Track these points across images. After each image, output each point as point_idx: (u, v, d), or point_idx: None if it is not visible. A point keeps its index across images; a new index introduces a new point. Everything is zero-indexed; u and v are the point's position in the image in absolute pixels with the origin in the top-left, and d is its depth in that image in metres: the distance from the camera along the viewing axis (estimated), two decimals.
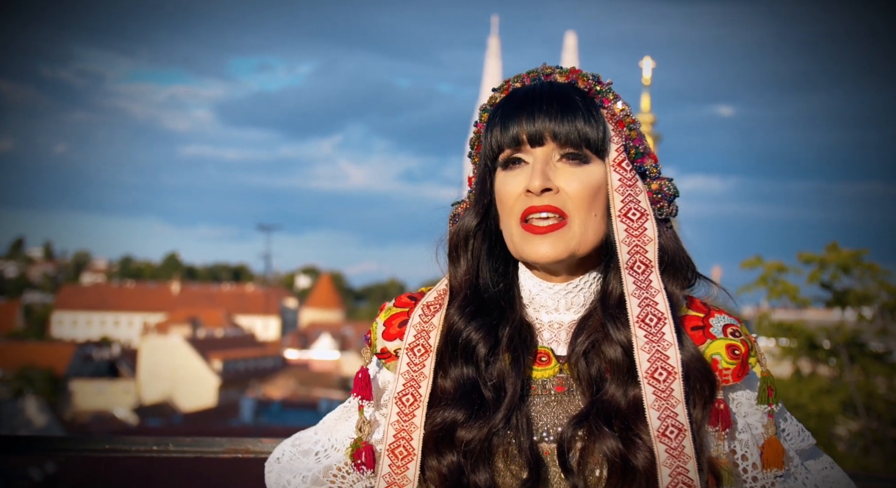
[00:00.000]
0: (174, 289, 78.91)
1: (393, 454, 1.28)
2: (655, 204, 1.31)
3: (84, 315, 76.30)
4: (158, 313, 70.12)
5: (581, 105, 1.29)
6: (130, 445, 1.96)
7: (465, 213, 1.37)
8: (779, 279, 9.06)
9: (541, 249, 1.27)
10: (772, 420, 1.27)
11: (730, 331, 1.29)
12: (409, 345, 1.32)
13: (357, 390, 1.35)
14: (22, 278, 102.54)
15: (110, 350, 58.49)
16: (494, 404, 1.25)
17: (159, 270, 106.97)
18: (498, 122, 1.31)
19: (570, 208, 1.27)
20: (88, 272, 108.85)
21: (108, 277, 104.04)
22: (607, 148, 1.29)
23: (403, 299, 1.41)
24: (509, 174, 1.30)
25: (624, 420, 1.22)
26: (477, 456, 1.24)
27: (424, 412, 1.27)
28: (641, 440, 1.21)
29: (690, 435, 1.19)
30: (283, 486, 1.42)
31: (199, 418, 35.88)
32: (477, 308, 1.32)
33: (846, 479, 1.36)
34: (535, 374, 1.30)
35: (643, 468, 1.20)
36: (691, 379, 1.23)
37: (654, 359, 1.21)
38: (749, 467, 1.27)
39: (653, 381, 1.21)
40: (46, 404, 40.20)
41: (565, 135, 1.27)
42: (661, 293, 1.24)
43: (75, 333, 71.56)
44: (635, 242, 1.27)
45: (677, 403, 1.20)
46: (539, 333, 1.33)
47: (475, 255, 1.35)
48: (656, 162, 1.33)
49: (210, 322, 63.65)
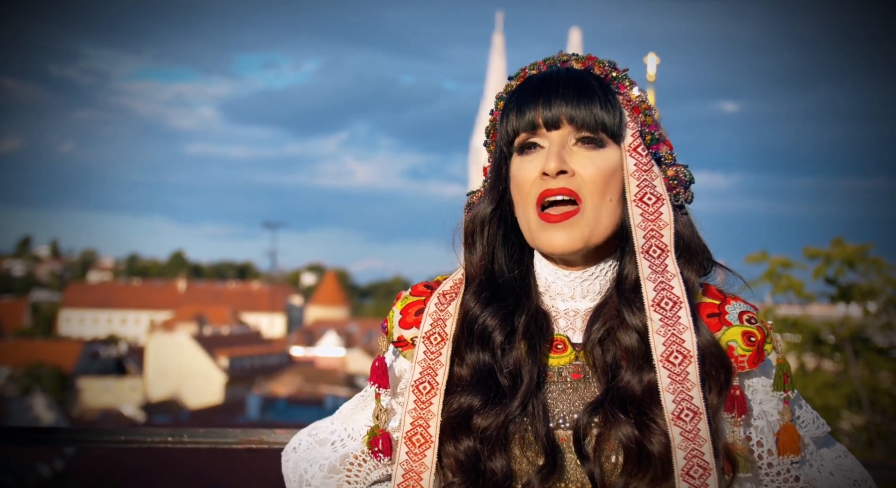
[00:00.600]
0: (180, 286, 79.08)
1: (410, 441, 1.28)
2: (671, 190, 1.31)
3: (91, 313, 76.52)
4: (165, 311, 70.28)
5: (598, 90, 1.29)
6: (146, 436, 1.97)
7: (480, 201, 1.38)
8: (784, 274, 9.08)
9: (555, 240, 1.27)
10: (787, 406, 1.27)
11: (746, 317, 1.30)
12: (426, 333, 1.33)
13: (374, 378, 1.35)
14: (29, 276, 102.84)
15: (117, 347, 58.67)
16: (511, 391, 1.26)
17: (165, 268, 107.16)
18: (514, 107, 1.31)
19: (584, 192, 1.27)
20: (95, 270, 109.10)
21: (114, 275, 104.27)
22: (623, 133, 1.29)
23: (420, 288, 1.41)
24: (525, 159, 1.30)
25: (639, 405, 1.22)
26: (493, 443, 1.25)
27: (441, 399, 1.28)
28: (656, 424, 1.21)
29: (706, 419, 1.19)
30: (299, 475, 1.43)
31: (206, 415, 35.99)
32: (492, 294, 1.32)
33: (860, 467, 1.36)
34: (552, 362, 1.30)
35: (658, 453, 1.20)
36: (707, 364, 1.23)
37: (670, 342, 1.21)
38: (764, 453, 1.27)
39: (668, 365, 1.21)
40: (54, 401, 40.36)
41: (582, 119, 1.27)
42: (677, 277, 1.24)
43: (82, 331, 71.78)
44: (651, 227, 1.27)
45: (692, 387, 1.20)
46: (555, 321, 1.33)
47: (490, 242, 1.35)
48: (671, 149, 1.34)
49: (216, 319, 63.80)
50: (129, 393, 47.62)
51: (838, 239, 9.19)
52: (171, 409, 40.89)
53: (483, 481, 1.25)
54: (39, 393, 41.64)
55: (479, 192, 1.41)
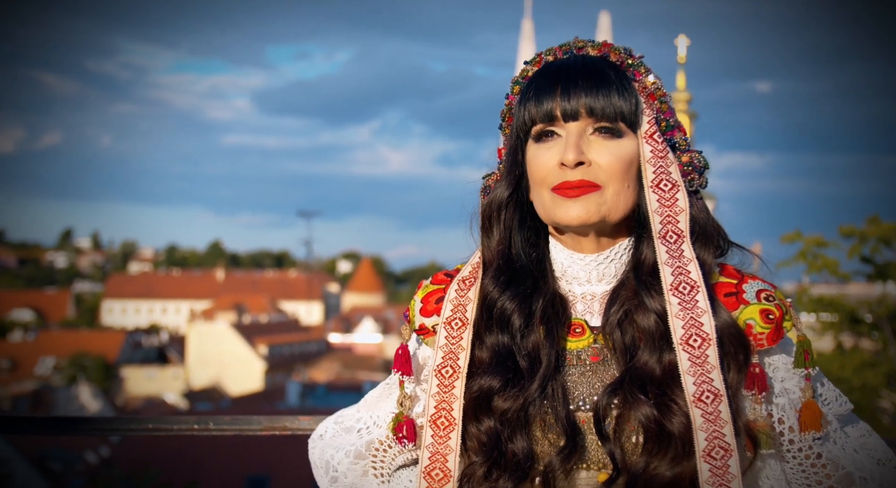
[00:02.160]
0: (219, 276, 79.91)
1: (435, 425, 1.30)
2: (686, 176, 1.32)
3: (133, 303, 77.68)
4: (204, 300, 71.06)
5: (615, 79, 1.29)
6: (173, 424, 2.01)
7: (496, 185, 1.38)
8: (818, 253, 8.98)
9: (571, 211, 1.27)
10: (809, 383, 1.27)
11: (763, 295, 1.29)
12: (447, 319, 1.34)
13: (398, 366, 1.37)
14: (72, 268, 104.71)
15: (159, 337, 59.56)
16: (529, 374, 1.27)
17: (204, 258, 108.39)
18: (532, 96, 1.30)
19: (603, 179, 1.27)
20: (136, 261, 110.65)
21: (154, 266, 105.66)
22: (640, 120, 1.30)
23: (440, 276, 1.43)
24: (542, 147, 1.30)
25: (659, 386, 1.23)
26: (513, 425, 1.26)
27: (464, 383, 1.30)
28: (677, 405, 1.22)
29: (726, 400, 1.20)
30: (326, 461, 1.46)
31: (246, 402, 36.41)
32: (510, 278, 1.33)
33: (884, 446, 1.35)
34: (570, 345, 1.31)
35: (679, 433, 1.21)
36: (725, 345, 1.23)
37: (689, 325, 1.22)
38: (786, 430, 1.28)
39: (688, 348, 1.21)
40: (99, 390, 41.13)
41: (601, 110, 1.27)
42: (694, 262, 1.25)
43: (125, 321, 72.99)
44: (667, 212, 1.28)
45: (713, 369, 1.20)
46: (572, 305, 1.34)
47: (507, 226, 1.36)
48: (686, 134, 1.34)
49: (255, 308, 64.44)
50: (171, 382, 48.35)
51: (874, 217, 9.05)
52: (213, 397, 41.45)
53: (505, 462, 1.26)
54: (85, 382, 42.46)
55: (494, 175, 1.41)
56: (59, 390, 41.41)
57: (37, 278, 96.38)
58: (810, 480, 1.29)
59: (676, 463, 1.22)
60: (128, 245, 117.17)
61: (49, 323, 66.79)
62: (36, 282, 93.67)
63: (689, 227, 1.28)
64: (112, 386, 46.66)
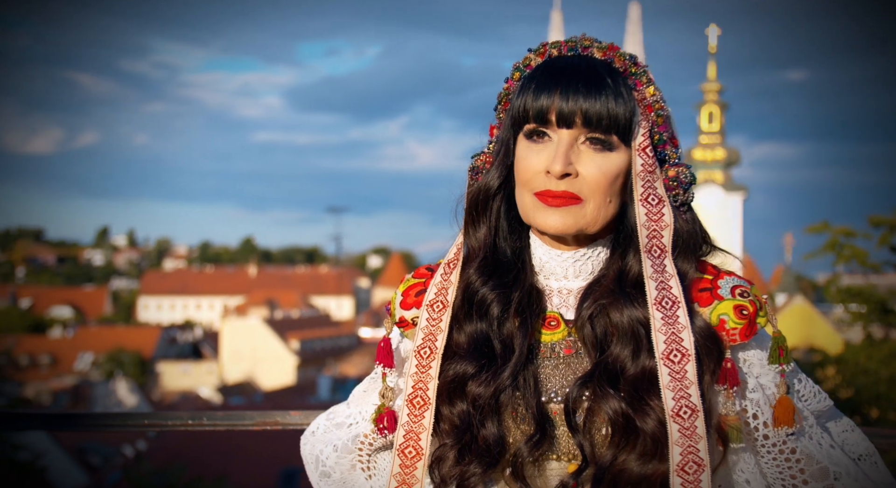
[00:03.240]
0: (251, 272, 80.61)
1: (411, 404, 1.32)
2: (671, 190, 1.32)
3: (168, 299, 78.64)
4: (237, 296, 71.78)
5: (614, 88, 1.28)
6: (167, 419, 2.04)
7: (486, 172, 1.37)
8: (846, 244, 8.87)
9: (550, 220, 1.28)
10: (783, 379, 1.28)
11: (738, 291, 1.31)
12: (430, 301, 1.36)
13: (380, 359, 1.40)
14: (108, 265, 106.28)
15: (193, 332, 60.30)
16: (503, 363, 1.29)
17: (236, 254, 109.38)
18: (532, 91, 1.29)
19: (585, 193, 1.28)
20: (170, 258, 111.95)
21: (188, 263, 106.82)
22: (634, 132, 1.29)
23: (421, 270, 1.45)
24: (532, 147, 1.30)
25: (636, 389, 1.24)
26: (485, 411, 1.28)
27: (439, 363, 1.32)
28: (652, 409, 1.23)
29: (702, 416, 1.21)
30: (315, 456, 1.49)
31: (278, 396, 36.71)
32: (494, 269, 1.35)
33: (866, 441, 1.37)
34: (545, 338, 1.33)
35: (651, 432, 1.23)
36: (701, 356, 1.25)
37: (670, 341, 1.23)
38: (760, 425, 1.29)
39: (668, 362, 1.23)
40: (136, 385, 41.74)
41: (596, 121, 1.27)
42: (675, 277, 1.26)
43: (160, 317, 73.88)
44: (654, 227, 1.29)
45: (691, 385, 1.22)
46: (549, 298, 1.36)
47: (495, 217, 1.36)
48: (677, 147, 1.34)
49: (286, 303, 64.98)
50: (205, 377, 48.91)
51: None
52: (246, 391, 41.85)
53: (476, 447, 1.28)
54: (122, 377, 43.12)
55: (483, 155, 1.40)
56: (97, 385, 42.09)
57: (75, 276, 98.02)
58: (784, 474, 1.30)
59: (646, 460, 1.24)
60: (162, 242, 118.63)
61: (87, 319, 67.87)
62: (74, 279, 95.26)
63: (672, 241, 1.30)
64: (148, 381, 47.33)
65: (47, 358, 49.92)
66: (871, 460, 1.37)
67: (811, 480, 1.30)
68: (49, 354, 50.37)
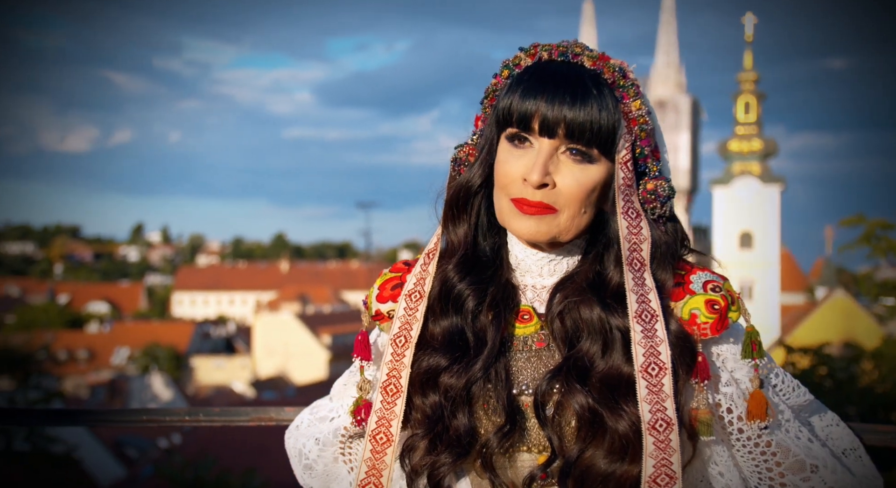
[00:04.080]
0: (283, 267, 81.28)
1: (385, 391, 1.35)
2: (648, 204, 1.33)
3: (201, 295, 79.58)
4: (269, 291, 72.38)
5: (600, 100, 1.28)
6: (164, 416, 2.03)
7: (468, 168, 1.38)
8: (882, 236, 8.69)
9: (523, 227, 1.31)
10: (757, 373, 1.29)
11: (710, 286, 1.32)
12: (408, 291, 1.38)
13: (357, 352, 1.42)
14: (143, 261, 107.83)
15: (226, 327, 60.98)
16: (475, 355, 1.32)
17: (268, 250, 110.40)
18: (518, 94, 1.30)
19: (561, 203, 1.29)
20: (203, 254, 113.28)
21: (221, 258, 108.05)
22: (617, 145, 1.30)
23: (399, 265, 1.47)
24: (513, 152, 1.31)
25: (607, 388, 1.26)
26: (456, 402, 1.30)
27: (412, 352, 1.34)
28: (627, 413, 1.25)
29: (677, 429, 1.23)
30: (299, 450, 1.51)
31: (311, 390, 36.95)
32: (472, 266, 1.37)
33: (850, 436, 1.39)
34: (518, 331, 1.35)
35: (622, 432, 1.25)
36: (676, 368, 1.26)
37: (649, 354, 1.25)
38: (735, 419, 1.31)
39: (646, 375, 1.25)
40: (171, 380, 42.30)
41: (578, 133, 1.27)
42: (654, 291, 1.28)
43: (194, 312, 74.84)
44: (634, 240, 1.30)
45: (667, 398, 1.24)
46: (523, 293, 1.38)
47: (476, 214, 1.38)
48: (658, 160, 1.35)
49: (318, 298, 65.42)
50: (239, 371, 49.43)
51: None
52: (279, 386, 42.23)
53: (447, 437, 1.30)
54: (157, 372, 43.73)
55: (466, 147, 1.41)
56: (133, 379, 42.74)
57: (111, 272, 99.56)
58: (761, 467, 1.32)
59: (613, 459, 1.25)
60: (196, 238, 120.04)
61: (123, 315, 68.94)
62: (110, 275, 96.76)
63: (651, 253, 1.31)
64: (183, 376, 47.94)
65: (85, 352, 50.82)
66: (856, 454, 1.38)
67: (787, 472, 1.31)
68: (86, 349, 51.26)
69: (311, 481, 1.52)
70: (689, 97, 73.81)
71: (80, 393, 41.24)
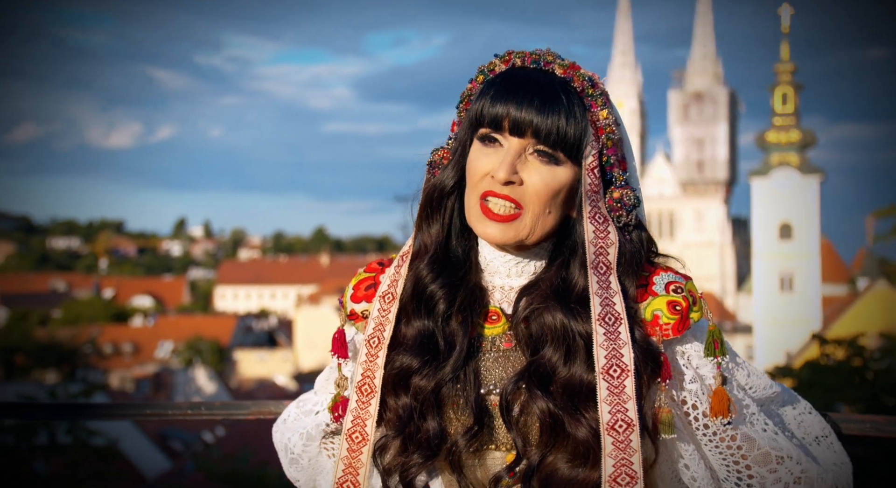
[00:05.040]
0: (323, 261, 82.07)
1: (360, 391, 1.38)
2: (614, 212, 1.35)
3: (243, 288, 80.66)
4: (310, 285, 73.12)
5: (568, 107, 1.32)
6: (167, 409, 2.11)
7: (442, 170, 1.41)
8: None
9: (490, 232, 1.34)
10: (719, 371, 1.32)
11: (672, 287, 1.35)
12: (382, 293, 1.41)
13: (334, 349, 1.45)
14: (186, 256, 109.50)
15: (268, 321, 61.74)
16: (444, 359, 1.34)
17: (309, 244, 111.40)
18: (489, 99, 1.34)
19: (526, 202, 1.32)
20: (245, 248, 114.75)
21: (262, 252, 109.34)
22: (583, 152, 1.34)
23: (373, 265, 1.50)
24: (483, 151, 1.35)
25: (568, 395, 1.28)
26: (427, 404, 1.33)
27: (385, 353, 1.37)
28: (586, 420, 1.27)
29: (638, 430, 1.25)
30: (284, 444, 1.54)
31: None
32: (444, 266, 1.39)
33: (822, 423, 1.43)
34: (487, 332, 1.38)
35: (582, 438, 1.27)
36: (640, 371, 1.28)
37: (611, 356, 1.27)
38: (700, 415, 1.33)
39: (608, 377, 1.27)
40: (214, 373, 42.93)
41: (545, 136, 1.31)
42: (619, 294, 1.30)
43: (236, 306, 75.91)
44: (600, 244, 1.33)
45: (628, 400, 1.26)
46: (491, 294, 1.40)
47: (449, 215, 1.40)
48: (625, 170, 1.38)
49: None
50: (281, 364, 50.04)
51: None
52: None
53: (419, 438, 1.33)
54: (201, 365, 44.40)
55: (442, 150, 1.45)
56: (177, 372, 43.45)
57: (155, 266, 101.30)
58: (728, 461, 1.35)
59: (575, 465, 1.28)
60: (237, 233, 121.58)
61: (167, 308, 70.13)
62: (154, 269, 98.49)
63: (617, 259, 1.33)
64: (226, 369, 48.64)
65: (130, 346, 51.78)
66: (827, 441, 1.42)
67: (754, 465, 1.34)
68: (131, 343, 52.23)
69: (297, 474, 1.55)
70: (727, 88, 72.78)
71: (126, 386, 42.05)
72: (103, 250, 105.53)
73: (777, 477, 1.34)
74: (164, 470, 22.08)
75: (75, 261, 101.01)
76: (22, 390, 15.67)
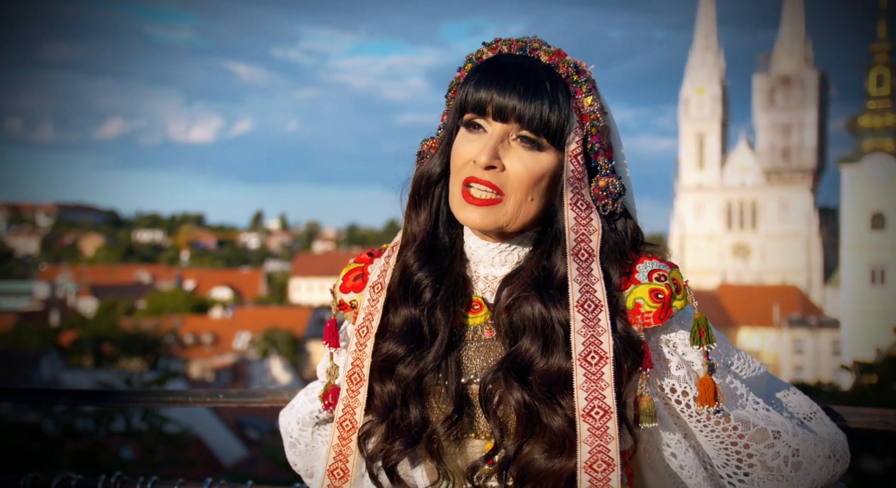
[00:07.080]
0: None
1: (350, 380, 1.40)
2: (599, 200, 1.35)
3: (318, 281, 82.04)
4: None
5: (552, 93, 1.32)
6: (188, 396, 2.19)
7: (431, 158, 1.42)
8: None
9: (471, 217, 1.34)
10: (706, 359, 1.32)
11: (655, 275, 1.34)
12: (372, 283, 1.43)
13: (326, 339, 1.47)
14: (263, 248, 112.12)
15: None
16: (428, 348, 1.35)
17: (382, 236, 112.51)
18: (473, 85, 1.35)
19: (508, 188, 1.32)
20: (319, 240, 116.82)
21: (336, 245, 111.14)
22: (567, 139, 1.33)
23: (363, 256, 1.52)
24: (468, 137, 1.35)
25: (546, 385, 1.28)
26: (410, 392, 1.35)
27: (373, 342, 1.38)
28: (562, 408, 1.27)
29: (615, 418, 1.25)
30: (285, 429, 1.59)
31: None
32: (430, 254, 1.40)
33: (807, 401, 1.45)
34: (469, 321, 1.38)
35: (558, 428, 1.27)
36: (620, 360, 1.28)
37: (589, 342, 1.27)
38: (691, 401, 1.33)
39: (585, 364, 1.26)
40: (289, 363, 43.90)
41: (528, 121, 1.31)
42: (600, 282, 1.29)
43: (310, 298, 77.30)
44: (582, 231, 1.32)
45: (606, 386, 1.25)
46: (475, 284, 1.40)
47: (437, 203, 1.41)
48: (611, 159, 1.37)
49: None
50: None
51: None
52: None
53: (401, 425, 1.35)
54: (276, 356, 45.44)
55: (431, 140, 1.46)
56: (254, 363, 44.59)
57: (233, 258, 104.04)
58: (725, 443, 1.35)
59: (552, 455, 1.28)
60: (312, 225, 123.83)
61: (244, 300, 71.97)
62: (232, 262, 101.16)
63: (600, 247, 1.32)
64: (300, 360, 49.65)
65: (209, 337, 53.38)
66: (817, 417, 1.43)
67: (752, 443, 1.34)
68: (211, 333, 53.83)
69: (296, 458, 1.59)
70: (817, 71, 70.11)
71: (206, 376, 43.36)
72: (185, 243, 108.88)
73: (776, 451, 1.34)
74: (241, 458, 22.72)
75: (158, 254, 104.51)
76: (103, 377, 16.25)
